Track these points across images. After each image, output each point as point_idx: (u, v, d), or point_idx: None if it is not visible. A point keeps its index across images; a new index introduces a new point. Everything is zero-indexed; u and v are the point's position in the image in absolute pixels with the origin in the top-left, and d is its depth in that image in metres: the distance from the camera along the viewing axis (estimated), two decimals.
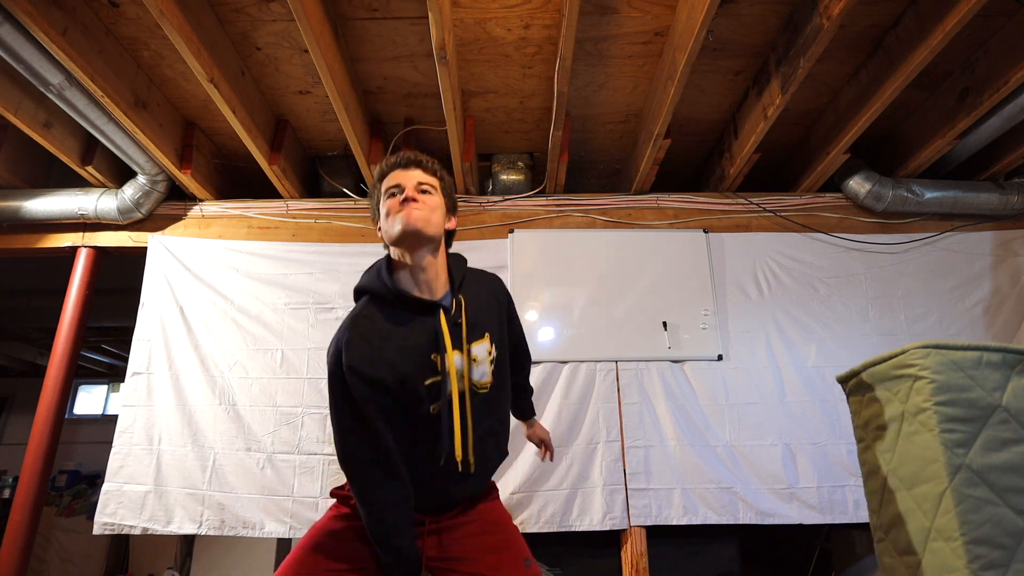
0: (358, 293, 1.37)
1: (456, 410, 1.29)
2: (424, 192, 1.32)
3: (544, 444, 1.80)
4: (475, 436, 1.34)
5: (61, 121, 2.52)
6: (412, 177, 1.33)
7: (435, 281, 1.33)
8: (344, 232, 2.91)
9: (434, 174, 1.38)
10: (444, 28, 1.96)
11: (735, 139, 2.74)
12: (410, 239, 1.28)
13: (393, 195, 1.32)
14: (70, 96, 2.18)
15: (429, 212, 1.30)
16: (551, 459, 1.79)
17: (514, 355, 1.58)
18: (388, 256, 1.37)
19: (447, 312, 1.33)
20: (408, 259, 1.31)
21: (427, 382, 1.29)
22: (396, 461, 1.27)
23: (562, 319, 2.76)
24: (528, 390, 1.79)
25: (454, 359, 1.30)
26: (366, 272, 1.38)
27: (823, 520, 2.49)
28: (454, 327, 1.32)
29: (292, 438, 2.57)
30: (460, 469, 1.30)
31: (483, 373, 1.36)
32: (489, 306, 1.43)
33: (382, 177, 1.37)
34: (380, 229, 1.35)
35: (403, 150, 1.46)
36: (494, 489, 1.51)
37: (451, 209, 1.41)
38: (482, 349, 1.36)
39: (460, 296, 1.37)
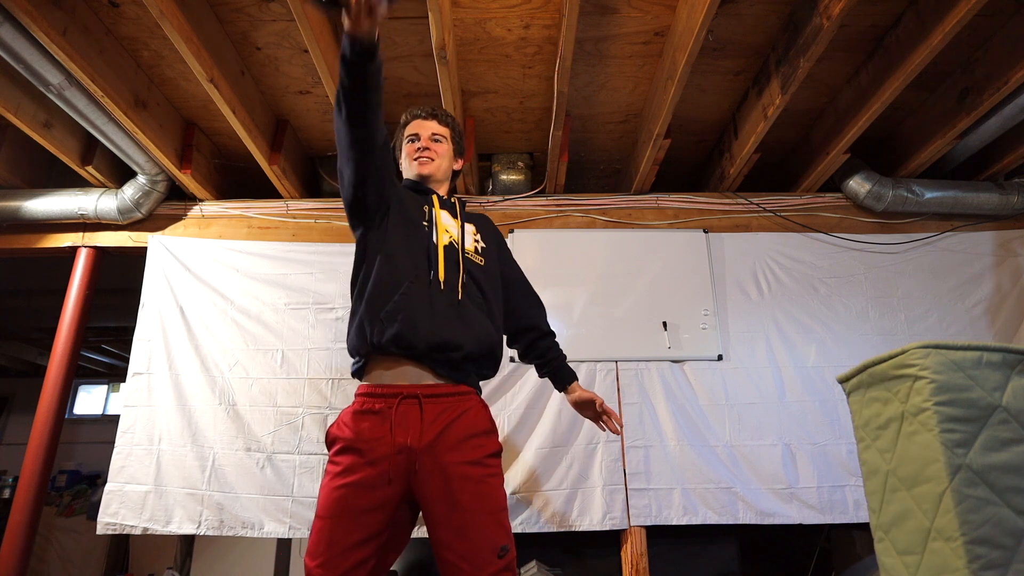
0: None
1: (440, 247, 1.50)
2: (436, 141, 1.64)
3: (599, 406, 1.65)
4: (463, 276, 1.49)
5: (61, 121, 2.52)
6: (428, 127, 1.64)
7: (436, 176, 1.66)
8: (344, 232, 2.91)
9: (447, 124, 1.67)
10: (444, 28, 1.96)
11: (735, 139, 2.74)
12: (423, 179, 1.63)
13: (412, 141, 1.64)
14: (70, 96, 2.18)
15: (439, 159, 1.64)
16: (620, 427, 1.64)
17: (521, 288, 1.75)
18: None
19: (442, 200, 1.63)
20: (424, 187, 1.65)
21: (424, 223, 1.54)
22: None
23: (562, 319, 2.76)
24: (555, 343, 1.75)
25: (441, 214, 1.58)
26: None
27: (823, 520, 2.49)
28: (447, 205, 1.62)
29: (292, 438, 2.57)
30: (443, 288, 1.44)
31: (470, 244, 1.58)
32: (483, 222, 1.71)
33: (405, 124, 1.68)
34: (401, 164, 1.69)
35: (419, 107, 1.71)
36: (483, 404, 1.49)
37: (459, 153, 1.72)
38: (470, 230, 1.62)
39: (457, 202, 1.66)
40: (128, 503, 2.47)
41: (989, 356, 1.26)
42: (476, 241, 1.62)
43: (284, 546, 4.06)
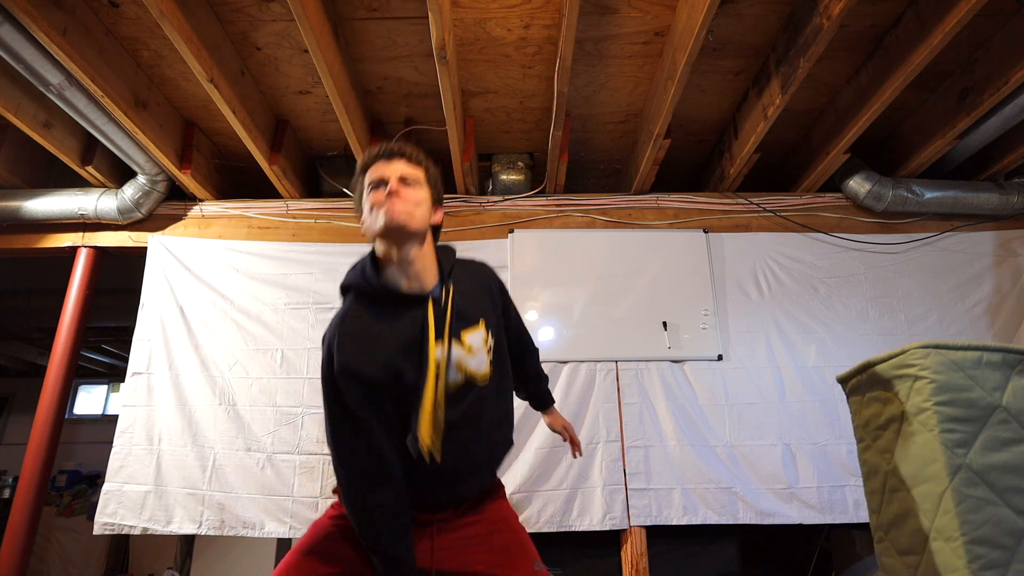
0: (344, 290, 1.33)
1: (430, 395, 1.21)
2: (407, 185, 1.26)
3: (568, 434, 1.68)
4: (464, 431, 1.28)
5: (61, 121, 2.52)
6: (395, 169, 1.26)
7: (424, 273, 1.28)
8: (344, 232, 2.91)
9: (419, 164, 1.31)
10: (444, 28, 1.96)
11: (735, 139, 2.74)
12: (393, 234, 1.23)
13: (376, 188, 1.25)
14: (70, 96, 2.18)
15: (413, 207, 1.24)
16: (579, 454, 1.68)
17: (519, 346, 1.55)
18: (372, 251, 1.31)
19: (436, 303, 1.28)
20: (394, 254, 1.26)
21: (407, 369, 1.25)
22: (391, 464, 1.23)
23: (562, 319, 2.76)
24: (543, 378, 1.71)
25: (435, 350, 1.24)
26: (351, 269, 1.33)
27: (823, 520, 2.49)
28: (441, 317, 1.27)
29: (292, 438, 2.57)
30: (428, 462, 1.22)
31: (480, 363, 1.30)
32: (480, 294, 1.38)
33: (365, 169, 1.30)
34: (364, 223, 1.29)
35: (381, 145, 1.32)
36: (500, 488, 1.48)
37: (437, 201, 1.34)
38: (478, 338, 1.31)
39: (449, 285, 1.31)
40: (127, 503, 2.47)
41: (989, 356, 1.26)
42: (469, 351, 1.30)
43: (284, 546, 4.06)
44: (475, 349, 1.30)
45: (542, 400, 1.73)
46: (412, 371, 1.23)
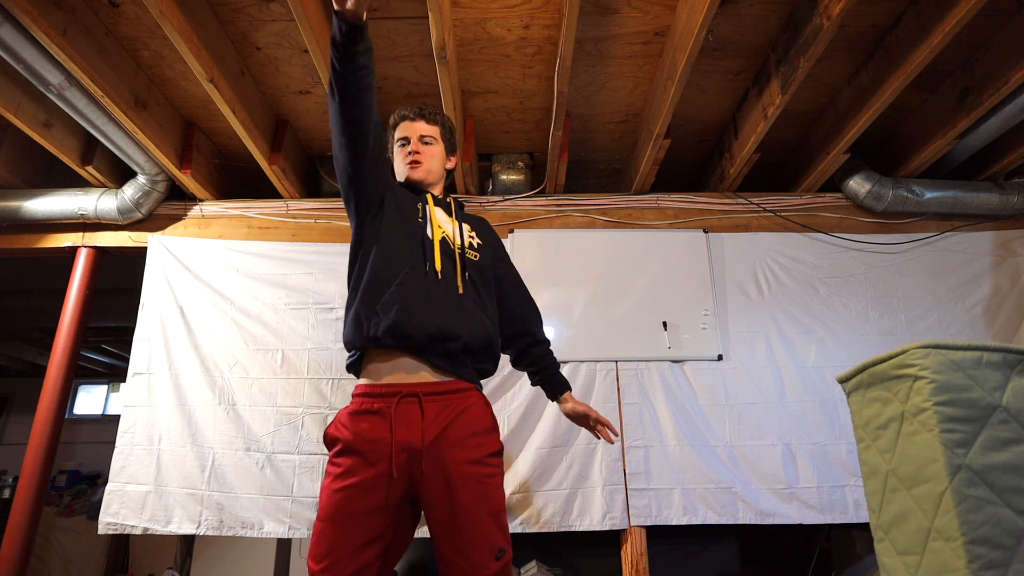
0: None
1: (436, 240, 1.49)
2: (426, 143, 1.61)
3: (595, 417, 1.64)
4: (460, 269, 1.49)
5: (61, 121, 2.52)
6: (416, 129, 1.61)
7: (428, 179, 1.63)
8: (344, 232, 2.91)
9: (436, 122, 1.64)
10: (444, 28, 1.96)
11: (735, 139, 2.74)
12: (414, 184, 1.60)
13: (402, 145, 1.62)
14: (70, 96, 2.18)
15: (429, 162, 1.60)
16: (614, 436, 1.64)
17: (517, 295, 1.70)
18: None
19: (436, 199, 1.61)
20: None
21: (418, 218, 1.53)
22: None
23: (562, 319, 2.76)
24: (549, 351, 1.71)
25: (436, 210, 1.56)
26: None
27: (823, 520, 2.49)
28: (441, 204, 1.61)
29: (292, 438, 2.57)
30: (439, 279, 1.43)
31: (465, 239, 1.57)
32: (480, 227, 1.68)
33: (394, 126, 1.65)
34: (395, 167, 1.65)
35: (409, 105, 1.66)
36: (485, 402, 1.48)
37: (451, 151, 1.68)
38: (465, 228, 1.61)
39: (452, 201, 1.64)
40: (129, 503, 2.47)
41: (989, 356, 1.26)
42: (471, 238, 1.60)
43: (284, 546, 4.06)
44: (463, 233, 1.58)
45: (555, 382, 1.69)
46: (415, 214, 1.54)
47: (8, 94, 2.28)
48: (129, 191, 2.78)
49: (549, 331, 2.71)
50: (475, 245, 1.60)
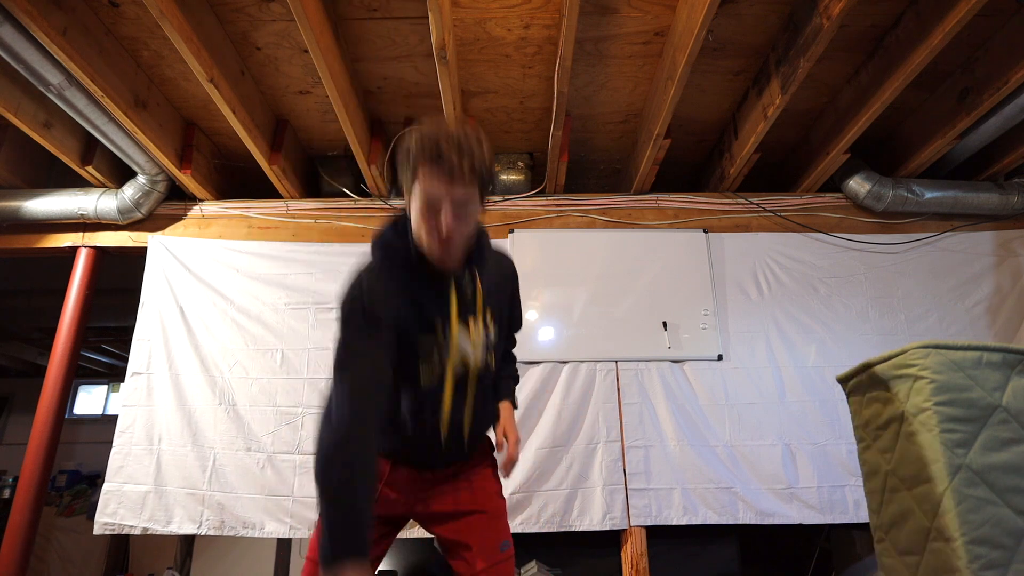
0: (378, 248, 1.29)
1: (449, 385, 1.30)
2: (462, 211, 1.17)
3: (508, 443, 1.47)
4: (470, 414, 1.37)
5: (61, 121, 2.52)
6: (453, 193, 1.14)
7: (456, 255, 1.25)
8: (344, 232, 2.91)
9: (476, 182, 1.17)
10: (444, 28, 1.96)
11: (735, 139, 2.74)
12: (441, 261, 1.23)
13: (430, 209, 1.16)
14: (70, 96, 2.18)
15: (462, 237, 1.21)
16: (507, 473, 1.46)
17: (509, 341, 1.62)
18: (407, 217, 1.25)
19: (459, 283, 1.30)
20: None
21: (422, 339, 1.26)
22: (386, 383, 1.21)
23: (562, 319, 2.76)
24: (514, 378, 1.65)
25: (457, 330, 1.28)
26: (389, 226, 1.29)
27: (823, 520, 2.49)
28: (463, 299, 1.31)
29: (292, 438, 2.57)
30: (443, 444, 1.34)
31: (481, 349, 1.36)
32: (501, 287, 1.44)
33: (417, 172, 1.16)
34: (415, 229, 1.21)
35: (445, 147, 1.13)
36: (490, 455, 1.53)
37: (484, 202, 1.25)
38: (484, 325, 1.36)
39: (475, 271, 1.34)
40: (127, 503, 2.47)
41: (989, 356, 1.26)
42: (487, 327, 1.36)
43: (284, 546, 4.06)
44: (480, 336, 1.35)
45: (502, 387, 1.59)
46: (416, 332, 1.26)
47: (8, 94, 2.28)
48: (129, 191, 2.77)
49: (549, 331, 2.73)
50: (490, 342, 1.37)
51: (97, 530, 2.45)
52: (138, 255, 2.88)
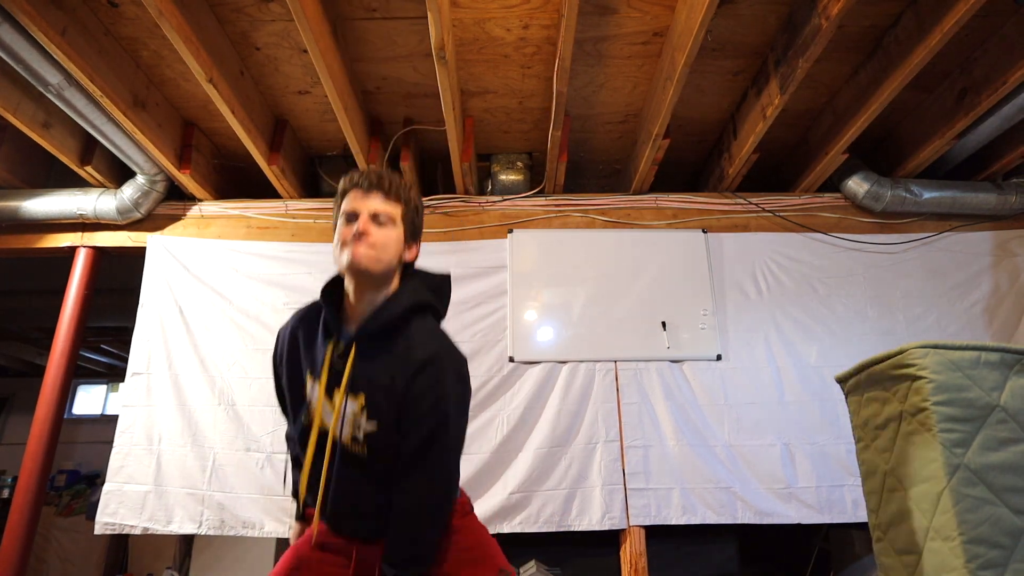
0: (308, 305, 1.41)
1: (311, 446, 1.24)
2: (379, 224, 1.21)
3: None
4: (326, 482, 1.22)
5: (60, 121, 2.51)
6: (370, 205, 1.21)
7: (363, 313, 1.24)
8: None
9: (396, 200, 1.23)
10: (443, 28, 1.96)
11: (734, 139, 2.75)
12: (354, 275, 1.23)
13: (348, 222, 1.21)
14: (69, 96, 2.18)
15: (380, 250, 1.20)
16: None
17: (401, 448, 1.20)
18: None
19: (337, 344, 1.24)
20: (350, 288, 1.26)
21: (302, 393, 1.29)
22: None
23: (561, 319, 2.76)
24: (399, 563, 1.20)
25: (322, 394, 1.23)
26: (336, 276, 1.33)
27: (822, 520, 2.49)
28: (336, 363, 1.23)
29: None
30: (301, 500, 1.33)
31: (346, 433, 1.21)
32: (390, 370, 1.20)
33: (343, 193, 1.24)
34: (333, 254, 1.25)
35: (366, 172, 1.24)
36: (469, 510, 1.41)
37: (412, 236, 1.27)
38: (353, 406, 1.20)
39: (362, 338, 1.22)
40: (127, 503, 2.47)
41: (987, 356, 1.26)
42: (353, 409, 1.20)
43: (283, 546, 4.05)
44: (347, 417, 1.21)
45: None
46: (296, 386, 1.31)
47: (7, 94, 2.28)
48: (128, 191, 2.77)
49: (548, 331, 2.73)
50: (356, 438, 1.20)
51: (98, 530, 2.45)
52: (137, 255, 2.87)
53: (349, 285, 1.26)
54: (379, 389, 1.20)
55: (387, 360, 1.21)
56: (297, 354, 1.31)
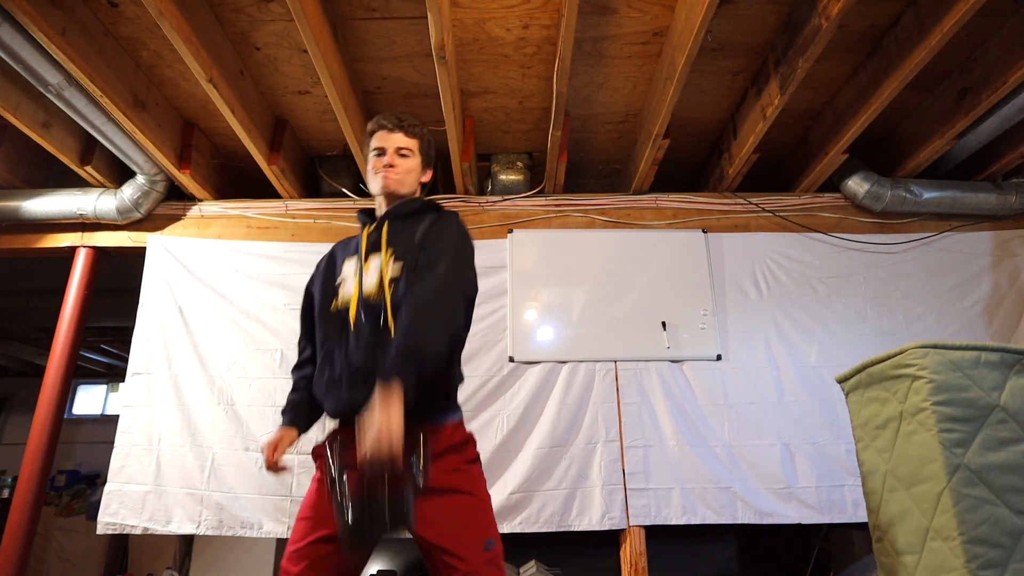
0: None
1: (353, 310, 1.41)
2: (402, 156, 1.53)
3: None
4: (354, 344, 1.39)
5: (60, 121, 2.51)
6: (393, 141, 1.53)
7: (393, 187, 1.54)
8: (343, 232, 2.91)
9: (414, 135, 1.56)
10: (443, 28, 1.96)
11: (734, 139, 2.75)
12: (387, 195, 1.54)
13: (378, 156, 1.54)
14: (69, 96, 2.18)
15: (404, 175, 1.53)
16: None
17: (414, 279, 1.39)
18: None
19: (371, 226, 1.53)
20: (381, 204, 1.57)
21: (330, 301, 1.51)
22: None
23: (561, 319, 2.76)
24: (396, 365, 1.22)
25: (351, 264, 1.51)
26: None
27: (822, 520, 2.49)
28: (372, 236, 1.51)
29: None
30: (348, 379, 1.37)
31: (370, 282, 1.43)
32: (412, 231, 1.47)
33: (371, 134, 1.57)
34: (368, 180, 1.59)
35: (388, 115, 1.57)
36: (471, 445, 1.43)
37: (427, 164, 1.62)
38: (382, 257, 1.45)
39: (392, 216, 1.53)
40: (128, 503, 2.47)
41: (987, 356, 1.26)
42: (380, 263, 1.43)
43: (283, 546, 4.05)
44: (370, 269, 1.47)
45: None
46: (326, 300, 1.55)
47: (7, 94, 2.28)
48: (128, 191, 2.77)
49: (548, 331, 2.73)
50: (372, 283, 1.41)
51: (100, 530, 2.45)
52: (137, 255, 2.87)
53: (381, 203, 1.57)
54: (404, 240, 1.47)
55: (411, 227, 1.50)
56: (332, 267, 1.60)
